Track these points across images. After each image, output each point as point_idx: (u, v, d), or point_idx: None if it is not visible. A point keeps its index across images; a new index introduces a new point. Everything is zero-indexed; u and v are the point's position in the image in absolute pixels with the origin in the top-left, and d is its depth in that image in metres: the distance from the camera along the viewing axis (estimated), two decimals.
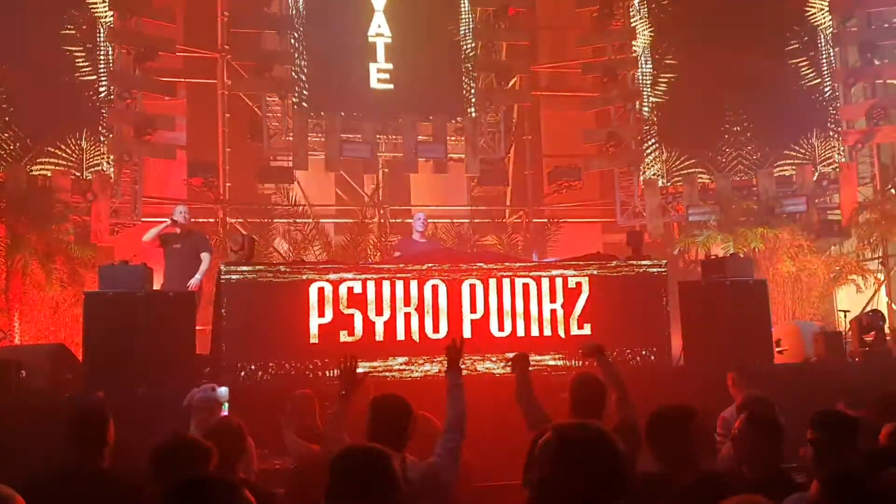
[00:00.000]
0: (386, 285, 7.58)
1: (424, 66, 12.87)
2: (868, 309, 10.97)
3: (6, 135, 10.73)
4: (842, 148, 12.68)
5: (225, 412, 5.23)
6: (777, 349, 8.81)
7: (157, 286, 8.38)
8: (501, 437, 5.32)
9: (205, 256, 8.85)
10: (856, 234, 12.19)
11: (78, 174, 11.07)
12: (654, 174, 13.12)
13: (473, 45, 13.25)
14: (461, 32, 13.26)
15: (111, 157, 11.35)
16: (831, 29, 12.92)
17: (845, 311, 10.07)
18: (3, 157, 10.67)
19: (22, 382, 6.99)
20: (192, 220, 9.46)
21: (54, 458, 4.09)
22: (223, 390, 5.28)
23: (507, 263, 8.13)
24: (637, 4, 13.41)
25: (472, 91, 13.13)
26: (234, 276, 7.45)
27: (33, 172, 10.77)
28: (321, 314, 7.43)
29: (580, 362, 7.67)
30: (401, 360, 7.50)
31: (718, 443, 5.39)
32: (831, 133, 12.87)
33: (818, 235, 12.23)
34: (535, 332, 7.78)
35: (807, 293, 11.78)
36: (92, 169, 11.19)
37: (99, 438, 3.73)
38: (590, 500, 2.08)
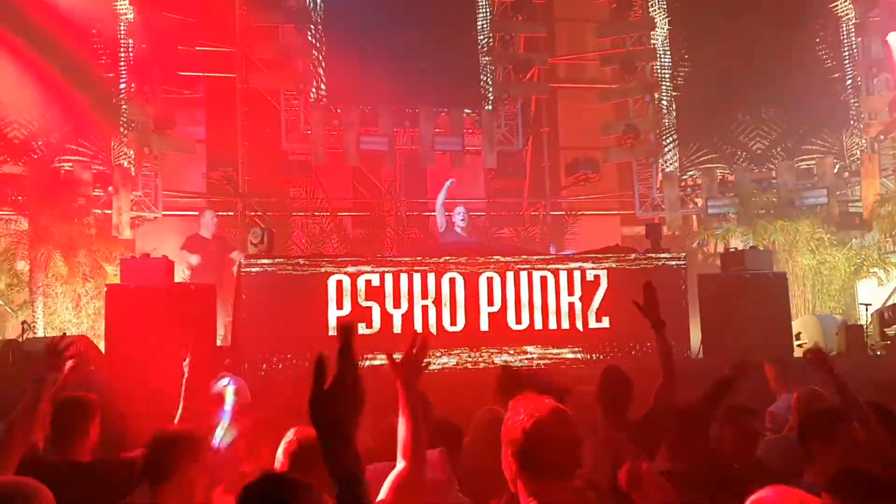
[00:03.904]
0: (403, 278, 7.62)
1: (442, 59, 12.86)
2: (890, 302, 10.87)
3: (29, 129, 10.85)
4: (863, 140, 12.56)
5: (230, 404, 5.21)
6: (797, 342, 8.76)
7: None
8: None
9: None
10: (877, 227, 12.05)
11: (99, 168, 11.17)
12: (674, 167, 13.05)
13: (491, 37, 13.23)
14: (478, 25, 13.24)
15: (131, 151, 11.46)
16: (854, 19, 12.78)
17: (867, 305, 9.98)
18: (26, 151, 10.80)
19: None
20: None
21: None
22: (222, 382, 5.28)
23: (524, 256, 8.14)
24: None
25: (490, 83, 13.12)
26: (253, 269, 7.52)
27: (55, 166, 10.88)
28: (339, 307, 7.48)
29: (600, 355, 7.70)
30: None
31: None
32: (853, 124, 12.74)
33: (839, 228, 12.11)
34: (552, 325, 7.78)
35: (827, 286, 11.68)
36: (114, 161, 11.30)
37: (79, 431, 3.72)
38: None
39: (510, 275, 7.79)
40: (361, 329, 7.47)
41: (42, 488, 2.52)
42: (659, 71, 13.24)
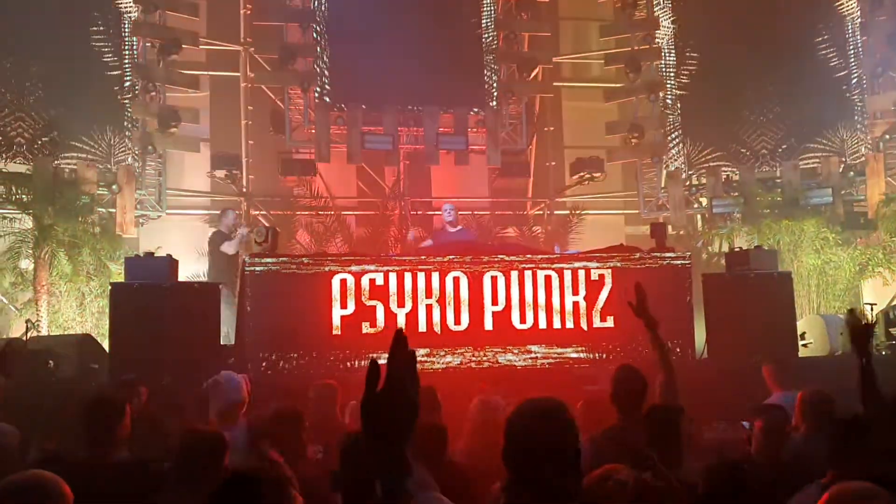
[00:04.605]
0: (408, 277, 7.60)
1: (446, 58, 12.84)
2: (895, 302, 10.83)
3: (34, 128, 10.86)
4: (869, 139, 12.52)
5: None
6: (802, 342, 8.73)
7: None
8: None
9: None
10: (882, 227, 12.01)
11: (104, 166, 11.18)
12: (678, 165, 13.03)
13: (495, 35, 13.21)
14: (483, 23, 13.22)
15: (136, 149, 11.47)
16: (859, 18, 12.74)
17: (872, 304, 9.94)
18: (30, 150, 10.81)
19: (50, 372, 7.09)
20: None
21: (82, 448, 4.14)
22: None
23: (529, 255, 8.12)
24: None
25: (494, 82, 13.10)
26: (257, 268, 7.51)
27: (60, 165, 10.89)
28: (343, 306, 7.47)
29: (605, 355, 7.68)
30: (422, 351, 7.52)
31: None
32: (858, 123, 12.70)
33: (844, 228, 12.07)
34: (556, 324, 7.76)
35: (832, 286, 11.64)
36: (117, 161, 11.30)
37: (110, 429, 3.75)
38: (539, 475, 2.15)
39: (514, 274, 7.77)
40: (365, 328, 7.47)
41: (59, 482, 2.53)
42: (664, 70, 13.22)
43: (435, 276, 7.64)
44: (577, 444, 2.24)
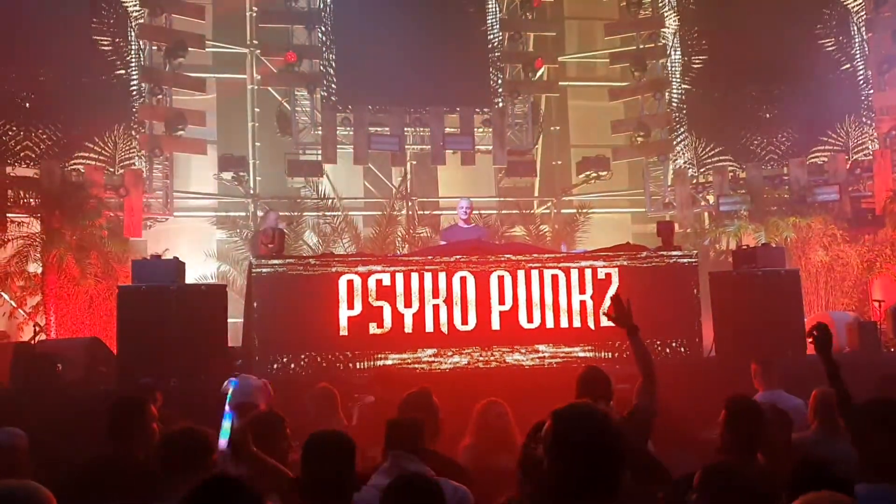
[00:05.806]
0: (414, 277, 7.60)
1: (452, 58, 12.84)
2: None
3: (41, 131, 10.90)
4: (876, 135, 12.47)
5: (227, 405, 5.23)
6: (810, 340, 8.68)
7: None
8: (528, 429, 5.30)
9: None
10: (890, 223, 11.96)
11: (111, 170, 11.22)
12: (684, 163, 13.01)
13: (500, 35, 13.21)
14: (488, 23, 13.22)
15: (143, 152, 11.50)
16: (864, 14, 12.69)
17: (880, 301, 9.90)
18: (38, 154, 10.85)
19: (58, 375, 7.12)
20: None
21: (90, 449, 4.18)
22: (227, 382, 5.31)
23: (535, 255, 8.11)
24: None
25: (500, 82, 13.10)
26: (264, 270, 7.53)
27: (67, 168, 10.93)
28: (350, 306, 7.48)
29: (612, 354, 7.67)
30: (430, 351, 7.53)
31: None
32: (865, 120, 12.65)
33: (851, 224, 12.01)
34: (564, 323, 7.75)
35: (840, 283, 11.60)
36: (124, 164, 11.34)
37: (132, 428, 3.81)
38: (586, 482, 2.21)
39: (521, 273, 7.76)
40: (372, 329, 7.47)
41: (47, 494, 2.53)
42: (669, 68, 13.20)
43: (442, 276, 7.64)
44: (620, 446, 2.28)
